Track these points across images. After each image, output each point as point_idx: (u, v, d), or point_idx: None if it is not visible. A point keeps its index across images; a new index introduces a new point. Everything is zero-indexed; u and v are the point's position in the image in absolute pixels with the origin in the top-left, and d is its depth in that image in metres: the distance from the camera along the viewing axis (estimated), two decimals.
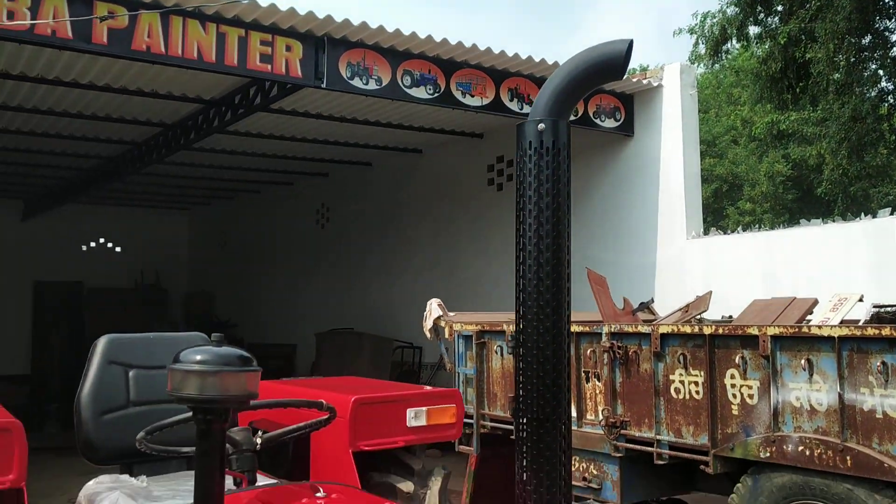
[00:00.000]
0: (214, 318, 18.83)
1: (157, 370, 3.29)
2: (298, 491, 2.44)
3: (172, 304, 19.81)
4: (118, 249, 19.54)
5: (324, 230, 15.59)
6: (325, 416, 2.65)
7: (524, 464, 2.10)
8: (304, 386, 3.64)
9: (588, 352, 6.11)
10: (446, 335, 7.51)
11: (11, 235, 18.12)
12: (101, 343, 3.33)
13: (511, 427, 6.94)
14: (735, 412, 5.16)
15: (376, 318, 13.53)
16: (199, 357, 2.07)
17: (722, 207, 25.21)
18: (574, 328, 6.25)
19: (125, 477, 3.06)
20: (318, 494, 2.36)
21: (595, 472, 6.11)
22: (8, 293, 18.13)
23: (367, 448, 3.17)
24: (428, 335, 7.68)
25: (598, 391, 6.08)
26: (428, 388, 3.61)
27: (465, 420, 7.45)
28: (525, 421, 2.10)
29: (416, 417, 3.31)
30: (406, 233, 13.29)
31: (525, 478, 2.08)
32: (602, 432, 5.95)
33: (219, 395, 2.05)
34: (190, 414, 2.15)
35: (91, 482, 2.99)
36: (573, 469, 6.40)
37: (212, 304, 19.24)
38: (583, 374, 6.19)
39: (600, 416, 5.97)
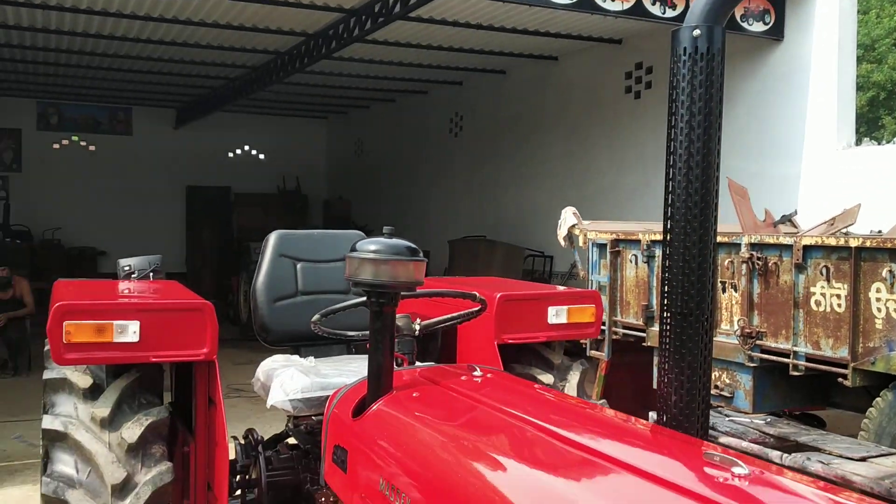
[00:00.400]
0: (352, 223, 19.59)
1: (322, 263, 3.61)
2: (456, 370, 2.68)
3: (312, 209, 20.71)
4: (262, 156, 20.51)
5: (457, 138, 15.76)
6: (478, 308, 2.87)
7: (666, 355, 2.24)
8: (452, 283, 3.88)
9: (726, 262, 6.08)
10: (580, 243, 7.61)
11: (166, 143, 19.35)
12: (273, 238, 3.68)
13: (642, 334, 7.05)
14: (878, 326, 5.07)
15: (508, 227, 13.73)
16: (373, 247, 2.32)
17: (877, 117, 23.56)
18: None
19: (295, 357, 3.42)
20: (475, 373, 2.59)
21: (728, 380, 6.16)
22: (164, 197, 19.52)
23: (510, 341, 3.38)
24: (562, 243, 7.80)
25: (734, 301, 6.07)
26: (567, 288, 3.77)
27: None
28: (669, 315, 2.23)
29: (556, 315, 3.49)
30: (539, 141, 13.27)
31: (667, 367, 2.22)
32: (737, 342, 5.98)
33: (390, 280, 2.30)
34: (363, 299, 2.42)
35: (267, 360, 3.36)
36: None
37: (349, 210, 19.97)
38: (719, 284, 6.18)
39: (735, 327, 5.99)
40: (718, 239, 6.18)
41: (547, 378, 3.46)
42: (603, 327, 7.47)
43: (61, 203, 18.08)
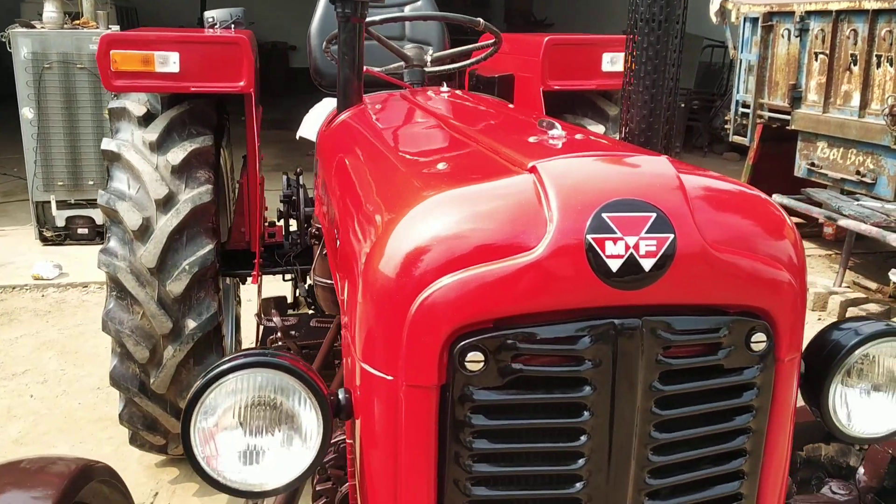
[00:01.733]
0: (532, 17, 18.99)
1: (374, 6, 3.57)
2: (432, 90, 2.64)
3: (494, 2, 20.17)
4: None
5: None
6: (492, 40, 2.76)
7: (631, 67, 2.10)
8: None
9: (883, 32, 5.35)
10: (732, 19, 6.96)
11: None
12: None
13: (787, 117, 6.48)
14: None
15: (689, 15, 12.71)
16: None
17: None
18: (870, 5, 5.45)
19: None
20: (443, 90, 2.55)
21: (871, 165, 5.61)
22: None
23: (557, 87, 3.26)
24: (714, 19, 7.17)
25: (888, 78, 5.39)
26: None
27: (743, 109, 7.11)
28: (634, 22, 2.07)
29: (612, 63, 3.29)
30: None
31: (630, 76, 2.09)
32: (884, 123, 5.37)
33: None
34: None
35: (317, 104, 3.47)
36: (847, 162, 5.91)
37: (531, 3, 19.29)
38: (874, 58, 5.49)
39: (885, 105, 5.36)
40: (878, 6, 5.45)
41: (597, 129, 3.34)
42: (747, 111, 6.95)
43: None
